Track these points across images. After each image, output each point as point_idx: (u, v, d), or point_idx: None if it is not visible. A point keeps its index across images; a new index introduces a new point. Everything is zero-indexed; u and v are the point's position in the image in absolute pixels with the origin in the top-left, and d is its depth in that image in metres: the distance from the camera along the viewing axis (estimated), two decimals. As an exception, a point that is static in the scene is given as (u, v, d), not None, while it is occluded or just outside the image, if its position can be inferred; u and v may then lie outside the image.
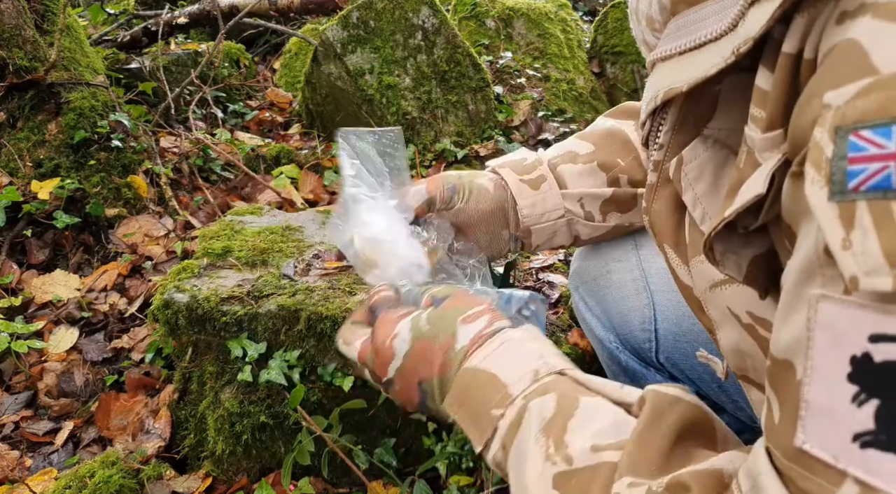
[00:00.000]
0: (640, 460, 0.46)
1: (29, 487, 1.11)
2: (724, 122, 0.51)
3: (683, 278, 0.59)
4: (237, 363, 1.09)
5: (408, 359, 0.63)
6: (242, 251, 1.21)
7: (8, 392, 1.37)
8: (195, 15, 2.55)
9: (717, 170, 0.52)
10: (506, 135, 2.18)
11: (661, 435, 0.47)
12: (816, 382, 0.34)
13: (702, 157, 0.52)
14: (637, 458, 0.46)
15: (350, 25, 2.06)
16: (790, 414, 0.36)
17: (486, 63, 2.40)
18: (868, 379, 0.32)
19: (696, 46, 0.47)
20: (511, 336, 0.60)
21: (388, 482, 1.10)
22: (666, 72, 0.51)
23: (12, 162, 1.72)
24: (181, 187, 1.94)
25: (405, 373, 0.64)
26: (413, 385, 0.64)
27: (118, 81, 2.30)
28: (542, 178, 0.84)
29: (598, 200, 0.84)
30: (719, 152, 0.51)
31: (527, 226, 0.84)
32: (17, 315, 1.49)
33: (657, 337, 0.85)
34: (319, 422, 1.07)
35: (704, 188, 0.52)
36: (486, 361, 0.59)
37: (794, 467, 0.36)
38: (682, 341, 0.83)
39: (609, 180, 0.85)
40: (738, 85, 0.48)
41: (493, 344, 0.60)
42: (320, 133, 2.33)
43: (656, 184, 0.59)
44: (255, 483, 1.12)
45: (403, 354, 0.64)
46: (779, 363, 0.38)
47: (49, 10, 1.88)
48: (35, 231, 1.69)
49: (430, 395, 0.63)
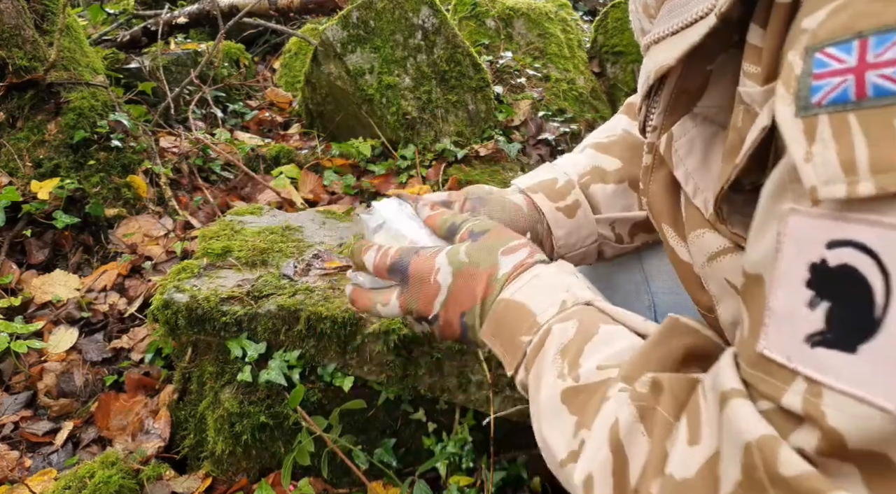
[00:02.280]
0: (636, 370, 0.48)
1: (29, 487, 1.11)
2: (713, 100, 0.52)
3: (682, 256, 0.60)
4: (237, 363, 1.09)
5: (451, 292, 0.65)
6: (242, 251, 1.21)
7: (7, 392, 1.36)
8: (195, 15, 2.55)
9: (707, 146, 0.53)
10: (506, 135, 2.18)
11: (664, 353, 0.49)
12: (779, 289, 0.36)
13: (691, 133, 0.54)
14: (633, 369, 0.48)
15: (350, 25, 2.06)
16: (756, 323, 0.38)
17: (486, 63, 2.40)
18: (822, 283, 0.33)
19: (687, 25, 0.49)
20: (543, 270, 0.62)
21: (388, 482, 1.10)
22: (658, 53, 0.52)
23: (12, 162, 1.72)
24: (181, 187, 1.94)
25: (449, 306, 0.65)
26: (456, 318, 0.65)
27: (118, 81, 2.30)
28: (577, 205, 0.82)
29: (629, 223, 0.84)
30: (708, 128, 0.53)
31: (560, 254, 0.83)
32: (17, 315, 1.49)
33: None
34: (319, 422, 1.07)
35: (695, 163, 0.54)
36: (519, 293, 0.61)
37: (755, 373, 0.37)
38: None
39: (640, 200, 0.84)
40: (730, 64, 0.49)
41: (527, 276, 0.62)
42: (320, 133, 2.33)
43: (651, 165, 0.61)
44: (254, 484, 1.12)
45: (447, 286, 0.65)
46: (750, 278, 0.40)
47: (49, 10, 1.88)
48: (35, 231, 1.69)
49: (471, 327, 0.64)
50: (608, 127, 0.90)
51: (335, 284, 1.12)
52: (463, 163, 2.05)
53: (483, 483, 1.07)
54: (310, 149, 2.19)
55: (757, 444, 0.36)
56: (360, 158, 2.05)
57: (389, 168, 2.03)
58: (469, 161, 2.07)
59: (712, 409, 0.41)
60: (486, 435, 1.12)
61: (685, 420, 0.43)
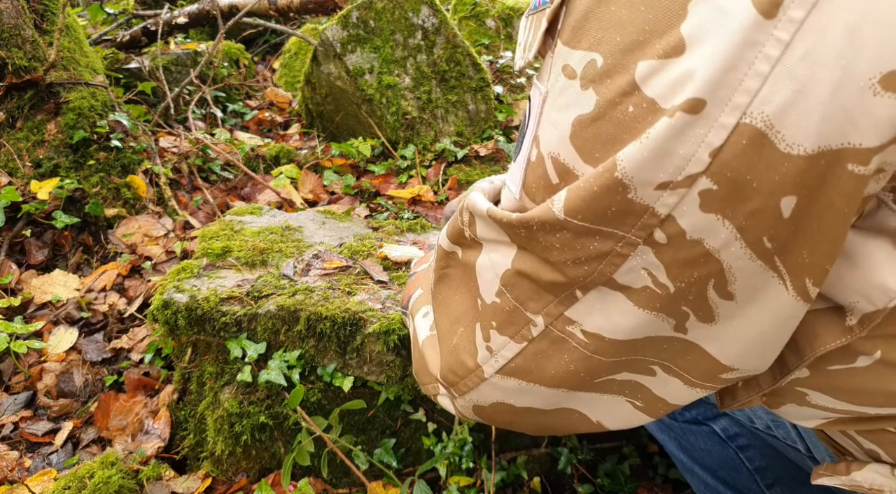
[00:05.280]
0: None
1: (28, 487, 1.11)
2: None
3: None
4: (237, 363, 1.09)
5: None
6: (242, 251, 1.21)
7: (7, 392, 1.36)
8: (195, 15, 2.55)
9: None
10: (506, 135, 2.18)
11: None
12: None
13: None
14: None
15: (350, 25, 2.06)
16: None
17: (486, 63, 2.40)
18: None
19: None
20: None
21: (388, 482, 1.10)
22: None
23: (11, 162, 1.72)
24: (180, 187, 1.94)
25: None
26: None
27: (117, 81, 2.30)
28: None
29: None
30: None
31: None
32: (17, 315, 1.49)
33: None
34: (319, 423, 1.07)
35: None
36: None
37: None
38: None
39: None
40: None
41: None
42: (320, 133, 2.32)
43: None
44: (254, 484, 1.11)
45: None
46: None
47: (48, 10, 1.88)
48: (34, 231, 1.69)
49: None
50: None
51: (335, 284, 1.12)
52: (463, 163, 2.05)
53: (483, 483, 1.07)
54: (310, 149, 2.18)
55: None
56: (360, 158, 2.05)
57: (389, 168, 2.03)
58: (469, 161, 2.07)
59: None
60: (486, 435, 1.12)
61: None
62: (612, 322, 0.44)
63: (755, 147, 0.34)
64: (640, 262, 0.41)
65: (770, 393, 0.51)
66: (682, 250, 0.39)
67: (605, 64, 0.38)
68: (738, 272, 0.39)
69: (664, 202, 0.37)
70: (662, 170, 0.36)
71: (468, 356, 0.54)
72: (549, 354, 0.49)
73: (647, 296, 0.42)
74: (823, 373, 0.46)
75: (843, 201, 0.35)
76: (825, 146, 0.33)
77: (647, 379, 0.50)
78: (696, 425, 0.89)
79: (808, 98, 0.32)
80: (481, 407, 0.57)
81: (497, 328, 0.51)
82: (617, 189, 0.38)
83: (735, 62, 0.33)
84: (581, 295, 0.45)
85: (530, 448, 1.16)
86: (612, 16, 0.38)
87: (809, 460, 0.72)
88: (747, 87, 0.33)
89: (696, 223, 0.37)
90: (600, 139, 0.39)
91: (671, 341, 0.45)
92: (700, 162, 0.35)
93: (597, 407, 0.54)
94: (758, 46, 0.32)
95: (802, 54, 0.32)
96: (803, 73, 0.32)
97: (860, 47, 0.31)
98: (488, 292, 0.51)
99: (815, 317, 0.44)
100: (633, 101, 0.37)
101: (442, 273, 0.60)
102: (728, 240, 0.38)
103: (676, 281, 0.40)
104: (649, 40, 0.36)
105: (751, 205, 0.36)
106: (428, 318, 0.66)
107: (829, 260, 0.38)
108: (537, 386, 0.51)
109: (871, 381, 0.44)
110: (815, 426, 0.53)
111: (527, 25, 0.49)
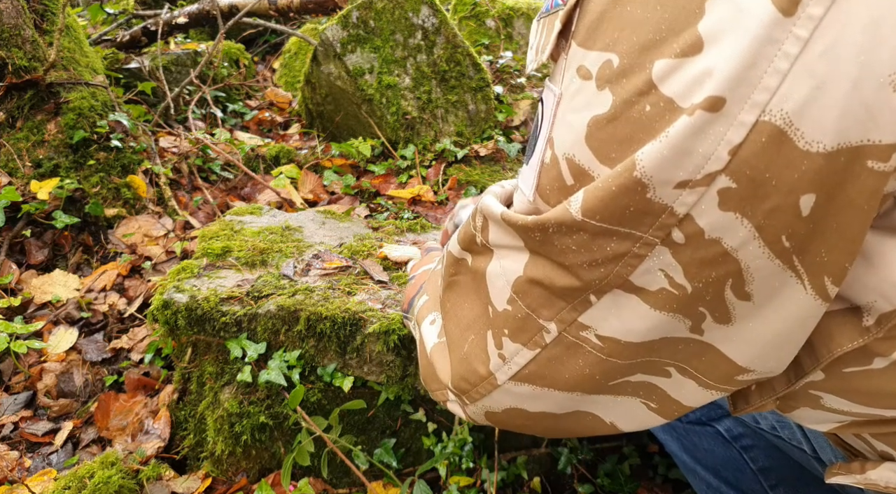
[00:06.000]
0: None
1: (28, 487, 1.11)
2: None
3: None
4: (236, 363, 1.09)
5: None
6: (242, 251, 1.21)
7: (7, 392, 1.36)
8: (195, 15, 2.55)
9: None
10: (506, 135, 2.18)
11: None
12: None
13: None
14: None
15: (350, 25, 2.06)
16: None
17: (486, 63, 2.40)
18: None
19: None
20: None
21: (388, 482, 1.10)
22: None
23: (11, 162, 1.72)
24: (180, 187, 1.94)
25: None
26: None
27: (117, 81, 2.30)
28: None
29: None
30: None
31: None
32: (17, 315, 1.49)
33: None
34: (319, 423, 1.07)
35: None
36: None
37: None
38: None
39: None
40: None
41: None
42: (320, 133, 2.32)
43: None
44: (254, 484, 1.11)
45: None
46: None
47: (48, 10, 1.87)
48: (34, 231, 1.69)
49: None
50: None
51: (335, 284, 1.12)
52: (463, 163, 2.05)
53: (483, 483, 1.07)
54: (309, 149, 2.18)
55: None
56: (360, 158, 2.05)
57: (389, 168, 2.03)
58: (469, 161, 2.06)
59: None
60: (486, 435, 1.12)
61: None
62: (627, 325, 0.44)
63: (774, 144, 0.34)
64: (657, 263, 0.40)
65: (784, 397, 0.51)
66: (700, 250, 0.39)
67: (621, 64, 0.38)
68: (755, 271, 0.39)
69: (683, 201, 0.37)
70: (682, 169, 0.36)
71: (480, 363, 0.54)
72: (563, 359, 0.49)
73: (663, 298, 0.42)
74: (839, 376, 0.46)
75: (862, 198, 0.35)
76: (845, 143, 0.33)
77: (661, 380, 0.49)
78: (699, 425, 0.89)
79: (827, 95, 0.32)
80: (494, 413, 0.57)
81: (509, 335, 0.51)
82: (636, 188, 0.38)
83: (754, 60, 0.33)
84: (595, 299, 0.44)
85: (530, 448, 1.16)
86: (627, 16, 0.38)
87: (815, 461, 0.72)
88: (767, 85, 0.33)
89: (714, 222, 0.37)
90: (616, 139, 0.39)
91: (687, 342, 0.45)
92: (719, 160, 0.35)
93: (611, 409, 0.53)
94: (777, 44, 0.32)
95: (821, 51, 0.32)
96: (822, 70, 0.32)
97: (879, 43, 0.31)
98: (499, 300, 0.51)
99: (831, 319, 0.43)
100: (651, 100, 0.37)
101: (451, 280, 0.59)
102: (746, 238, 0.37)
103: (694, 281, 0.40)
104: (666, 39, 0.36)
105: (770, 204, 0.36)
106: (436, 325, 0.66)
107: (849, 259, 0.38)
108: (551, 391, 0.51)
109: (887, 383, 0.44)
110: (828, 429, 0.53)
111: (538, 28, 0.48)
